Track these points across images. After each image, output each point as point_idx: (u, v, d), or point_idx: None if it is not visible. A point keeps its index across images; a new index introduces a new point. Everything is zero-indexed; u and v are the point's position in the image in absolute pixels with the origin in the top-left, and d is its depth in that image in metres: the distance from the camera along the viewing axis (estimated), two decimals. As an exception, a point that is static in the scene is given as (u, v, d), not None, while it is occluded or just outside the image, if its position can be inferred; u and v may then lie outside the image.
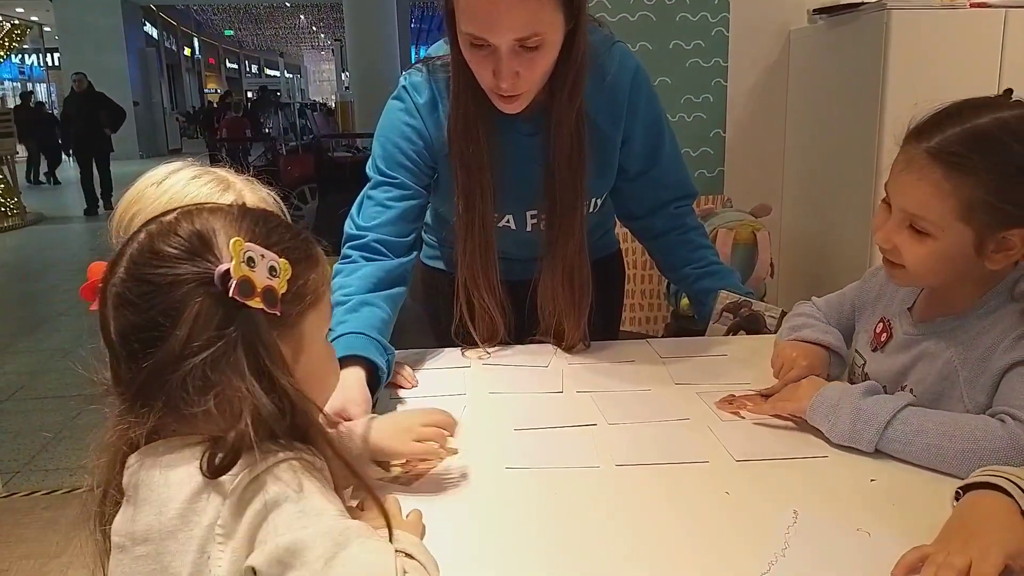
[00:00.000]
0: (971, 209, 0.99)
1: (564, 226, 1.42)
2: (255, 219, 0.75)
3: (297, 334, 0.75)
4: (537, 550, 0.88)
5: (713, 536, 0.89)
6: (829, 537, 0.85)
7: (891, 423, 1.03)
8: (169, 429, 0.71)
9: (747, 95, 3.12)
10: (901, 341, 1.15)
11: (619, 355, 1.49)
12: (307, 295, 0.75)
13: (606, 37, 1.43)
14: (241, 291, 0.68)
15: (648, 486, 1.01)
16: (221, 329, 0.68)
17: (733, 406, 1.23)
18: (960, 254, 1.03)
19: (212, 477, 0.66)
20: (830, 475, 1.02)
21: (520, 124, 1.39)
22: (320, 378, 0.81)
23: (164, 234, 0.71)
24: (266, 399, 0.68)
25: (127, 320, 0.69)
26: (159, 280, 0.69)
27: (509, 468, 1.06)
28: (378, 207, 1.44)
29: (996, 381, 1.02)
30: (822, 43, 2.92)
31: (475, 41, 1.24)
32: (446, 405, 1.26)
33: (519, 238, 1.51)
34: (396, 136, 1.44)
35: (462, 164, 1.38)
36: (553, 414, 1.23)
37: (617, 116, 1.45)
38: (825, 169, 2.94)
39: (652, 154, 1.53)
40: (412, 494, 0.98)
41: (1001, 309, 1.04)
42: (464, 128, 1.36)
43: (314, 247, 0.79)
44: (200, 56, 29.82)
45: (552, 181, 1.40)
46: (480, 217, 1.41)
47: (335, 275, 1.38)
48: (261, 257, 0.70)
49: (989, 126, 0.99)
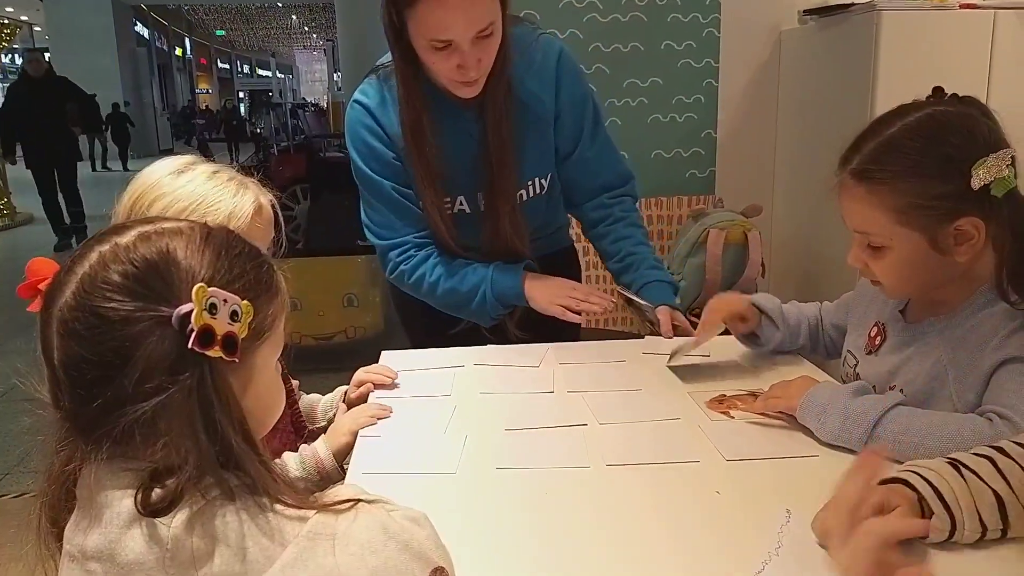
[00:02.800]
0: (904, 213, 1.03)
1: (502, 198, 1.55)
2: (218, 247, 0.70)
3: (249, 367, 0.71)
4: (528, 550, 0.87)
5: (706, 535, 0.89)
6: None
7: (880, 422, 1.03)
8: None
9: (738, 96, 3.12)
10: (893, 343, 1.16)
11: (610, 355, 1.49)
12: (265, 330, 0.72)
13: (534, 29, 1.60)
14: (201, 342, 0.63)
15: (639, 486, 1.01)
16: (175, 375, 0.63)
17: (723, 406, 1.23)
18: (922, 256, 1.05)
19: (147, 516, 0.63)
20: (821, 474, 1.02)
21: (464, 113, 1.52)
22: (267, 404, 0.77)
23: (117, 260, 0.66)
24: (212, 452, 0.64)
25: (74, 352, 0.65)
26: (110, 315, 0.64)
27: (500, 468, 1.06)
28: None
29: (985, 380, 1.03)
30: (813, 44, 2.93)
31: (438, 45, 1.38)
32: (432, 406, 1.27)
33: (473, 223, 1.61)
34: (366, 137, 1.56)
35: (418, 157, 1.51)
36: (544, 414, 1.23)
37: (548, 94, 1.58)
38: (816, 169, 2.94)
39: (579, 134, 1.63)
40: (403, 494, 0.97)
41: (989, 308, 1.05)
42: (415, 124, 1.50)
43: (274, 274, 0.75)
44: (191, 56, 29.71)
45: (488, 157, 1.53)
46: (436, 201, 1.55)
47: (412, 274, 1.59)
48: (224, 302, 0.65)
49: (896, 135, 1.05)
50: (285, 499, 0.67)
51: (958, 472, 0.84)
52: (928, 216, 1.03)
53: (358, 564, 0.65)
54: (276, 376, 0.79)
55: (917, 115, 1.05)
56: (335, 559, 0.65)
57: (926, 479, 0.83)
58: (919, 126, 1.04)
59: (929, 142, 1.03)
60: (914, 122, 1.05)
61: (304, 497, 0.69)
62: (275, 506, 0.66)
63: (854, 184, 1.07)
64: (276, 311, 0.74)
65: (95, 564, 0.65)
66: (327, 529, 0.66)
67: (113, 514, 0.65)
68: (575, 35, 2.88)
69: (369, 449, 1.14)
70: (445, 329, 1.65)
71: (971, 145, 1.00)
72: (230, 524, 0.64)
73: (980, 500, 0.82)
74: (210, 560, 0.63)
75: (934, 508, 0.81)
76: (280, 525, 0.65)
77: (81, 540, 0.67)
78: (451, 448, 1.12)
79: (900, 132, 1.05)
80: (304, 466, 1.18)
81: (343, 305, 3.95)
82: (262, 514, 0.65)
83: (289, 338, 0.81)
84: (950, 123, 1.03)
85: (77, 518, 0.69)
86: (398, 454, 1.13)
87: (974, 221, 1.01)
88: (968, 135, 1.01)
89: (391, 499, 0.74)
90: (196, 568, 0.63)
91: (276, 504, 0.66)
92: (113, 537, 0.64)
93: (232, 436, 0.65)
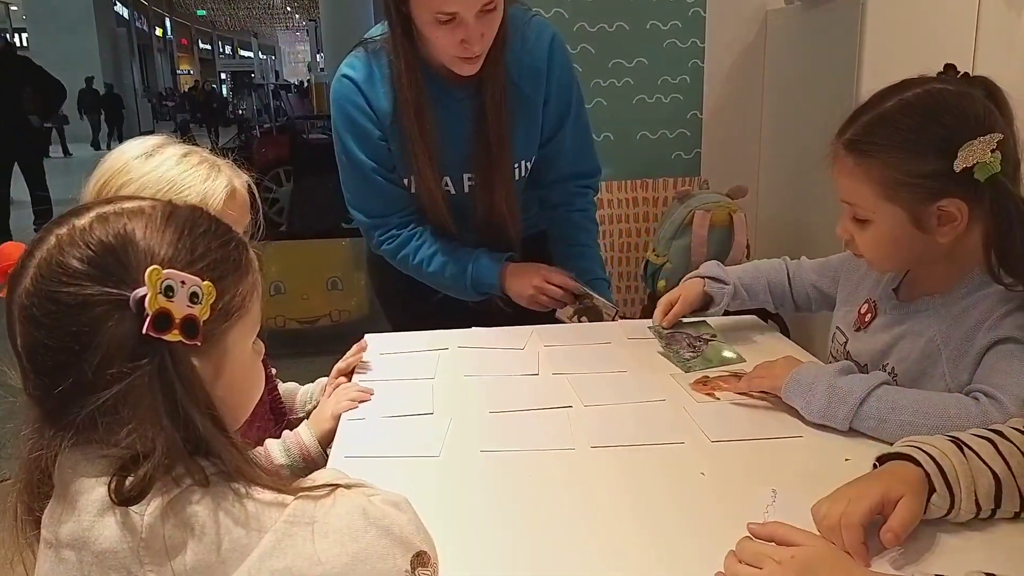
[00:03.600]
0: (890, 188, 1.03)
1: (499, 177, 1.56)
2: (180, 225, 0.68)
3: (220, 349, 0.69)
4: (512, 532, 0.87)
5: (690, 516, 0.89)
6: (809, 515, 0.84)
7: (866, 400, 1.03)
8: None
9: (724, 76, 3.10)
10: (885, 321, 1.16)
11: (595, 337, 1.48)
12: (234, 310, 0.70)
13: (526, 10, 1.58)
14: (156, 326, 0.61)
15: (623, 468, 1.00)
16: (135, 360, 0.62)
17: (708, 387, 1.23)
18: (903, 233, 1.05)
19: (120, 504, 0.62)
20: (805, 455, 1.02)
21: (455, 91, 1.52)
22: (243, 388, 0.75)
23: (74, 244, 0.64)
24: (179, 439, 0.63)
25: (34, 338, 0.64)
26: (67, 300, 0.62)
27: (484, 451, 1.06)
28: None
29: (978, 359, 1.03)
30: (799, 24, 2.92)
31: (443, 18, 1.36)
32: (416, 389, 1.26)
33: (457, 204, 1.60)
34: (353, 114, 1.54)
35: (420, 134, 1.49)
36: (528, 396, 1.22)
37: (538, 78, 1.57)
38: (801, 151, 2.94)
39: (563, 119, 1.63)
40: (387, 478, 0.97)
41: (985, 288, 1.04)
42: (417, 100, 1.48)
43: (244, 253, 0.73)
44: (172, 37, 29.34)
45: (482, 137, 1.53)
46: (434, 180, 1.54)
47: (403, 248, 1.59)
48: (181, 284, 0.63)
49: (890, 109, 1.05)
50: (262, 483, 0.66)
51: (960, 450, 0.84)
52: (912, 193, 1.02)
53: (338, 550, 0.64)
54: (254, 357, 0.77)
55: (915, 91, 1.04)
56: (314, 546, 0.64)
57: (930, 455, 0.83)
58: (915, 102, 1.04)
59: (922, 120, 1.02)
60: (911, 97, 1.04)
61: (281, 480, 0.68)
62: (251, 491, 0.65)
63: (845, 154, 1.07)
64: (246, 290, 0.72)
65: (69, 552, 0.64)
66: (306, 516, 0.65)
67: (87, 501, 0.64)
68: (560, 14, 2.85)
69: (352, 432, 1.13)
70: (428, 297, 1.66)
71: (962, 126, 0.99)
72: (204, 513, 0.63)
73: (979, 480, 0.82)
74: (184, 550, 0.62)
75: (936, 485, 0.82)
76: (257, 512, 0.64)
77: (57, 527, 0.66)
78: (435, 431, 1.11)
79: (895, 107, 1.04)
80: (289, 454, 1.16)
81: (327, 288, 3.92)
82: (238, 501, 0.64)
83: (272, 322, 0.79)
84: (945, 102, 1.02)
85: (53, 505, 0.68)
86: (381, 437, 1.12)
87: (957, 203, 1.00)
88: (961, 115, 1.00)
89: (372, 483, 0.73)
90: (170, 558, 0.62)
91: (252, 489, 0.65)
92: (87, 525, 0.63)
93: (199, 421, 0.64)
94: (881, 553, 0.80)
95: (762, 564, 0.75)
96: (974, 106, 1.01)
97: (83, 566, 0.64)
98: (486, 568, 0.82)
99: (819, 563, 0.75)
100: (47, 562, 0.67)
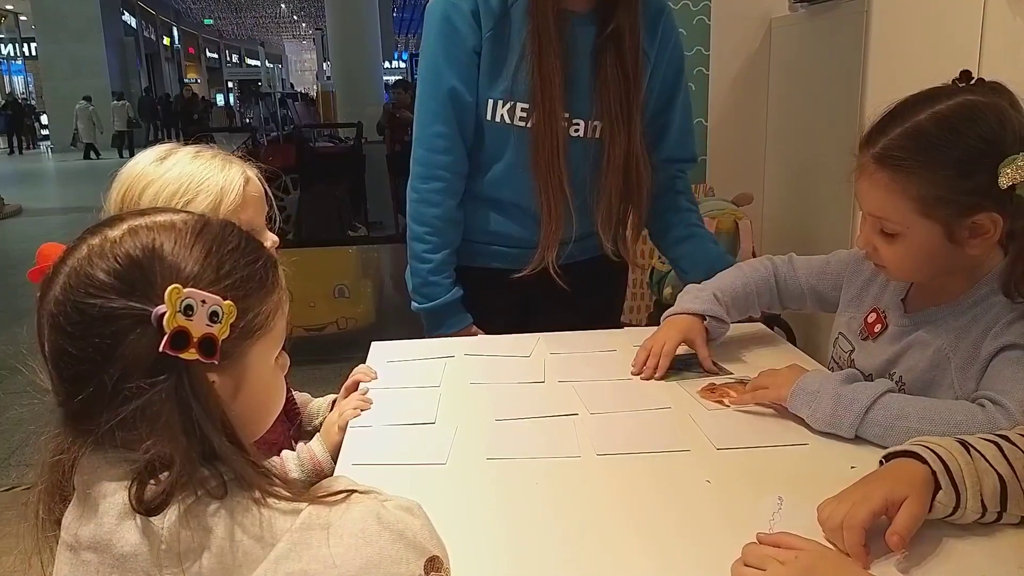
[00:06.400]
0: (928, 205, 1.01)
1: (623, 121, 1.49)
2: (209, 241, 0.68)
3: (241, 366, 0.70)
4: (519, 540, 0.87)
5: (696, 524, 0.89)
6: (815, 522, 0.85)
7: (872, 408, 1.03)
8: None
9: (729, 84, 3.11)
10: (894, 331, 1.15)
11: (601, 344, 1.49)
12: (257, 328, 0.70)
13: None
14: (173, 344, 0.62)
15: (629, 475, 1.01)
16: (153, 376, 0.63)
17: (715, 395, 1.23)
18: (936, 246, 1.03)
19: (140, 513, 0.63)
20: (811, 462, 1.02)
21: (580, 27, 1.46)
22: (263, 402, 0.76)
23: (103, 255, 0.65)
24: (195, 453, 0.63)
25: (59, 345, 0.65)
26: (92, 312, 0.63)
27: (490, 459, 1.06)
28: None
29: (985, 367, 1.03)
30: (803, 31, 2.92)
31: None
32: (422, 397, 1.26)
33: (586, 150, 1.53)
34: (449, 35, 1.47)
35: (542, 63, 1.43)
36: (534, 404, 1.22)
37: (652, 37, 1.53)
38: (807, 158, 2.94)
39: (670, 99, 1.59)
40: (394, 485, 0.97)
41: (993, 297, 1.04)
42: (540, 30, 1.42)
43: (272, 271, 0.73)
44: (179, 46, 29.48)
45: (619, 72, 1.47)
46: (555, 115, 1.45)
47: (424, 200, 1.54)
48: (202, 303, 0.63)
49: (925, 124, 1.01)
50: (278, 492, 0.66)
51: (966, 451, 0.85)
52: (950, 209, 1.00)
53: (352, 554, 0.65)
54: (276, 372, 0.77)
55: (948, 103, 1.01)
56: (329, 549, 0.64)
57: (937, 454, 0.84)
58: (950, 115, 1.00)
59: (959, 135, 0.99)
60: (945, 110, 1.00)
61: (298, 489, 0.68)
62: (268, 500, 0.66)
63: (876, 168, 1.04)
64: (271, 308, 0.72)
65: (90, 554, 0.65)
66: (320, 520, 0.65)
67: (108, 505, 0.65)
68: (565, 23, 2.86)
69: (359, 440, 1.14)
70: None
71: (1001, 140, 0.97)
72: (221, 521, 0.64)
73: (984, 481, 0.82)
74: (200, 557, 0.63)
75: (942, 483, 0.82)
76: (272, 520, 0.65)
77: (77, 529, 0.67)
78: (441, 439, 1.12)
79: (929, 120, 1.01)
80: (303, 468, 1.17)
81: (334, 296, 3.93)
82: (255, 509, 0.65)
83: (283, 331, 0.80)
84: (981, 115, 0.99)
85: (74, 507, 0.69)
86: (388, 445, 1.13)
87: (993, 216, 0.99)
88: (999, 129, 0.98)
89: (384, 490, 0.74)
90: (188, 563, 0.63)
91: (269, 498, 0.66)
92: (108, 528, 0.64)
93: (215, 438, 0.64)
94: (886, 557, 0.80)
95: (765, 566, 0.76)
96: (1008, 119, 0.99)
97: (103, 568, 0.64)
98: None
99: (821, 565, 0.76)
100: (66, 564, 0.67)
